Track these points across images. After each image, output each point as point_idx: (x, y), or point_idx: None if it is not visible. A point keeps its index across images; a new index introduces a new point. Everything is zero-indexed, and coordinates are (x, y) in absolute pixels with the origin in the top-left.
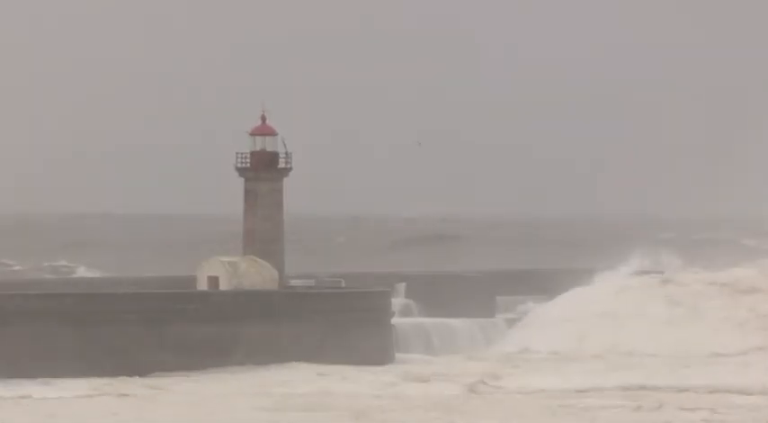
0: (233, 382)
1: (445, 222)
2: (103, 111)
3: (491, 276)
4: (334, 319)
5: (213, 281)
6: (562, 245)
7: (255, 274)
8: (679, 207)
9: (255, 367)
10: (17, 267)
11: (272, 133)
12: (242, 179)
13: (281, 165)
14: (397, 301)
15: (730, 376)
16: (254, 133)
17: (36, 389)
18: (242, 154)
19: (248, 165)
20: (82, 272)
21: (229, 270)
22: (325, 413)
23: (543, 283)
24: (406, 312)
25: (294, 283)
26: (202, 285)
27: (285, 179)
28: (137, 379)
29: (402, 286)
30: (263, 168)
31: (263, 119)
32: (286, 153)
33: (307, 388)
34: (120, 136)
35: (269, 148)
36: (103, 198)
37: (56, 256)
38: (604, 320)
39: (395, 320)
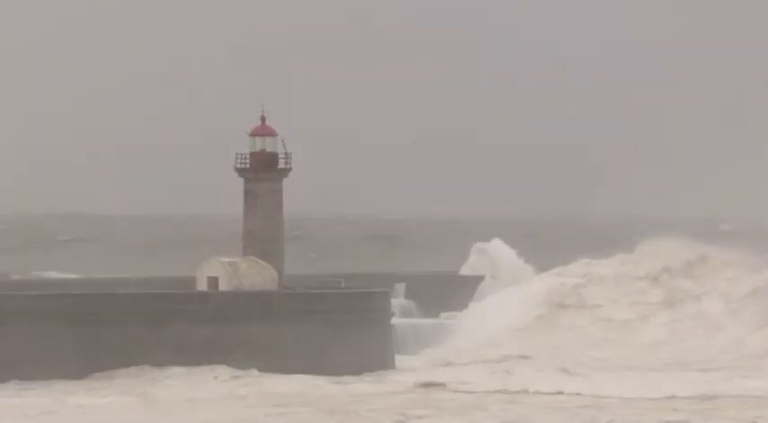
0: (230, 383)
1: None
2: (103, 111)
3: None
4: (334, 319)
5: (213, 281)
6: (562, 244)
7: (255, 274)
8: (679, 207)
9: (254, 368)
10: None
11: (272, 134)
12: (242, 179)
13: (281, 165)
14: (397, 302)
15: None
16: (253, 134)
17: (35, 389)
18: (242, 155)
19: (248, 165)
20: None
21: (229, 270)
22: (303, 409)
23: None
24: (405, 313)
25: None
26: (202, 286)
27: (285, 179)
28: (136, 379)
29: (402, 286)
30: (263, 169)
31: (263, 119)
32: (286, 154)
33: (292, 387)
34: (120, 136)
35: (269, 149)
36: (104, 198)
37: (54, 256)
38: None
39: (394, 321)
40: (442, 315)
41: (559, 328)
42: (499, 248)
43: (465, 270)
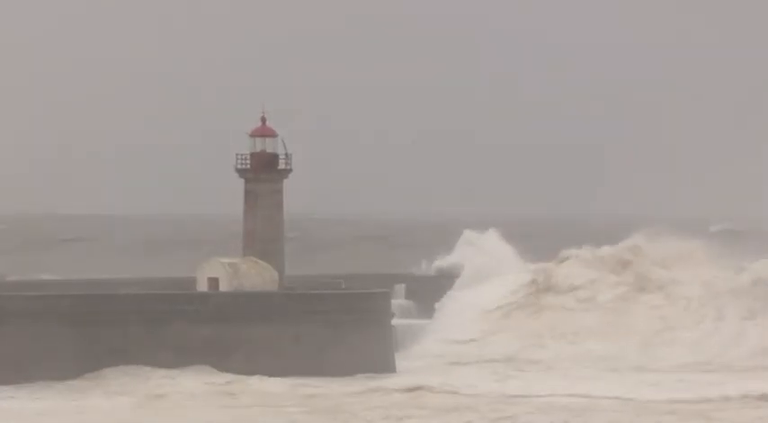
0: (229, 384)
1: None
2: (103, 111)
3: None
4: (334, 320)
5: (213, 282)
6: (562, 244)
7: (256, 275)
8: (679, 207)
9: (253, 369)
10: None
11: (272, 135)
12: (242, 180)
13: (281, 166)
14: (397, 303)
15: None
16: (254, 135)
17: (35, 390)
18: (242, 155)
19: (248, 166)
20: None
21: (229, 271)
22: (296, 409)
23: None
24: (405, 314)
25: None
26: (202, 286)
27: (285, 180)
28: (136, 379)
29: (402, 287)
30: (263, 170)
31: (263, 120)
32: (286, 154)
33: (280, 388)
34: (120, 136)
35: (269, 150)
36: (104, 198)
37: (55, 256)
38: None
39: (394, 322)
40: (437, 305)
41: (544, 313)
42: (490, 239)
43: (452, 259)
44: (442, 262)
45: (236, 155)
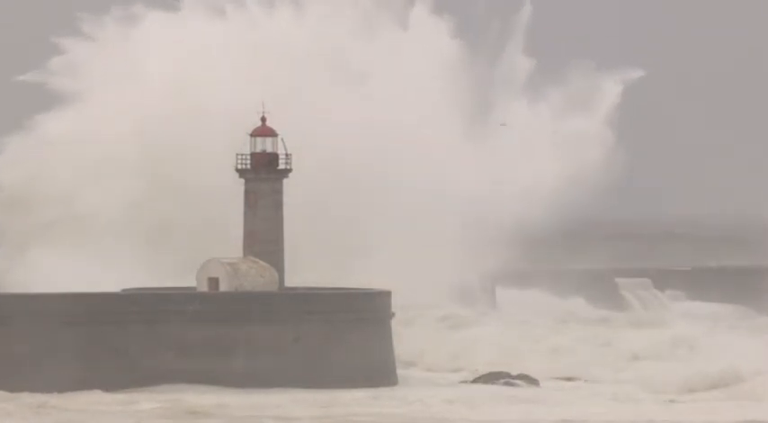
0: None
1: None
2: None
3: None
4: (334, 320)
5: (213, 282)
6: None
7: (256, 275)
8: (678, 206)
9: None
10: None
11: (273, 134)
12: (242, 180)
13: (282, 166)
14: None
15: None
16: (254, 134)
17: (35, 390)
18: (242, 155)
19: (248, 166)
20: None
21: (230, 271)
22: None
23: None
24: None
25: None
26: (202, 286)
27: (285, 180)
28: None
29: None
30: (263, 169)
31: (263, 120)
32: (286, 154)
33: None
34: None
35: (269, 150)
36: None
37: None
38: None
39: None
40: None
41: None
42: None
43: None
44: None
45: (237, 155)
